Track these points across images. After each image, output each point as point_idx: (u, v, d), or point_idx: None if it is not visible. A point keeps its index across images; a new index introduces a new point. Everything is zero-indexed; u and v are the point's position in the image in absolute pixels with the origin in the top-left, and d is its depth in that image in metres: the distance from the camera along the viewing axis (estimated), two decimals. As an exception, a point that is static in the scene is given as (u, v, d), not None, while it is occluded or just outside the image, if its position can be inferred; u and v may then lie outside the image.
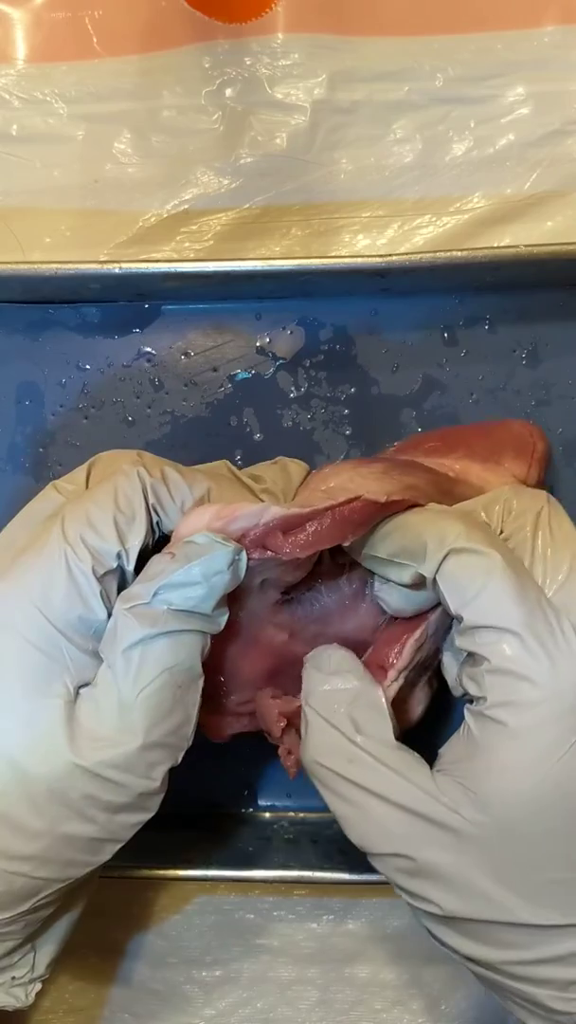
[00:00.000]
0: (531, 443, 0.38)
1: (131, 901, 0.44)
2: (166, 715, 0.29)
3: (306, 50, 0.43)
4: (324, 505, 0.31)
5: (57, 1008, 0.44)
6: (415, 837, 0.28)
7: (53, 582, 0.29)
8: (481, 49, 0.43)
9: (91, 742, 0.28)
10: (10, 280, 0.40)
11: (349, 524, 0.31)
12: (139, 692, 0.28)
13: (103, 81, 0.44)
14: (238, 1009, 0.44)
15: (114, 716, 0.28)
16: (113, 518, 0.30)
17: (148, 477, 0.31)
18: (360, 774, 0.29)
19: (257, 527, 0.31)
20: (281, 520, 0.31)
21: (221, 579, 0.30)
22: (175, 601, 0.29)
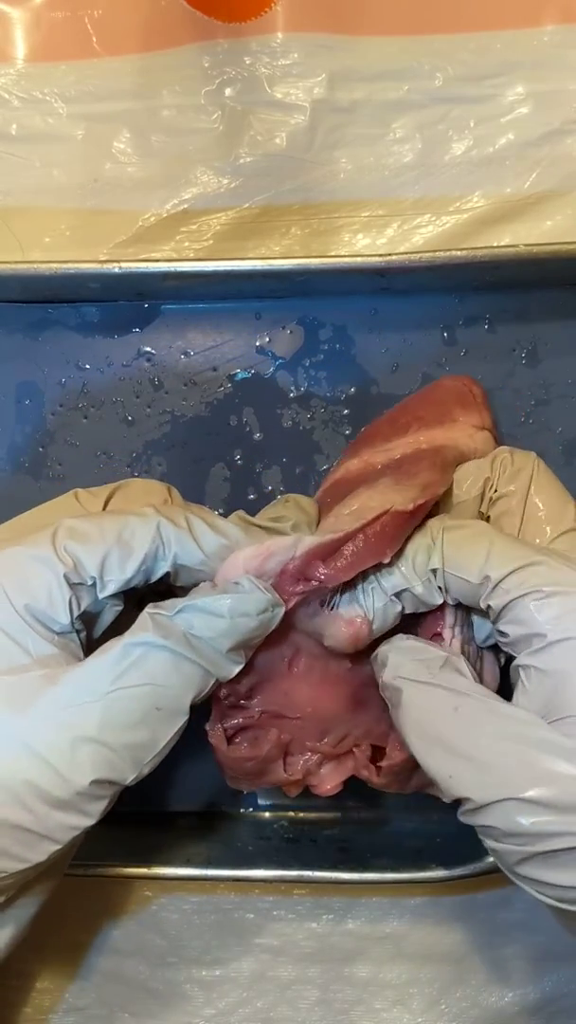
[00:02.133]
0: (468, 391, 0.39)
1: (131, 900, 0.44)
2: (128, 726, 0.28)
3: (306, 49, 0.43)
4: (357, 526, 0.32)
5: (57, 1008, 0.44)
6: (542, 766, 0.27)
7: (26, 571, 0.29)
8: (481, 48, 0.43)
9: (44, 721, 0.28)
10: (10, 280, 0.40)
11: (385, 539, 0.32)
12: (114, 688, 0.28)
13: (103, 80, 0.44)
14: (238, 1009, 0.44)
15: (77, 697, 0.28)
16: (107, 550, 0.30)
17: (172, 529, 0.31)
18: (470, 717, 0.28)
19: (294, 559, 0.31)
20: (317, 548, 0.31)
21: (246, 622, 0.30)
22: (195, 625, 0.29)
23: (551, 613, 0.29)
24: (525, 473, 0.35)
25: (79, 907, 0.44)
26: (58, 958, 0.44)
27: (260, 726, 0.34)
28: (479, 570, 0.30)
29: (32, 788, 0.27)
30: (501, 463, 0.35)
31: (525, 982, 0.43)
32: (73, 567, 0.30)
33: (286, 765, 0.35)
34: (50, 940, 0.44)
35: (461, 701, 0.29)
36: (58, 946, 0.44)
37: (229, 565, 0.31)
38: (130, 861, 0.40)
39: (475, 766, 0.28)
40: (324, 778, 0.36)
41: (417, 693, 0.30)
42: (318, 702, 0.34)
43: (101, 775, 0.28)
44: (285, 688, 0.34)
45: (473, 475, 0.36)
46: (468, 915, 0.43)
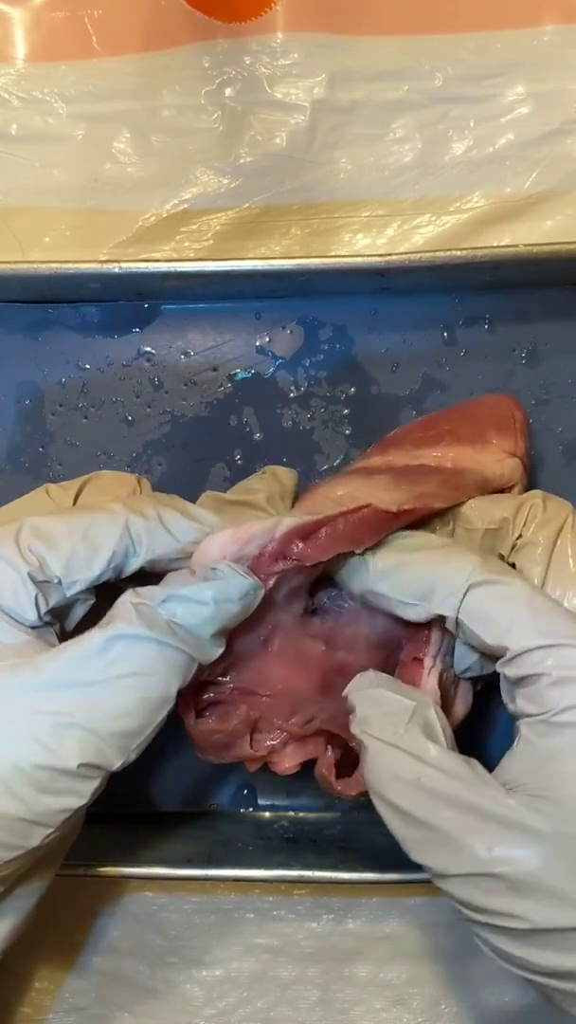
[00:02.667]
0: (510, 414, 0.38)
1: (131, 900, 0.44)
2: (116, 715, 0.28)
3: (305, 49, 0.43)
4: (336, 512, 0.31)
5: (57, 1008, 0.44)
6: (500, 848, 0.27)
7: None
8: (480, 48, 0.43)
9: (28, 707, 0.28)
10: (10, 280, 0.40)
11: (361, 530, 0.31)
12: (102, 679, 0.28)
13: (103, 80, 0.44)
14: (238, 1009, 0.44)
15: (62, 685, 0.28)
16: (72, 548, 0.30)
17: (141, 523, 0.31)
18: (433, 788, 0.28)
19: (273, 541, 0.31)
20: (296, 529, 0.31)
21: (230, 608, 0.30)
22: (179, 614, 0.29)
23: (561, 697, 0.28)
24: (555, 523, 0.33)
25: (79, 907, 0.44)
26: (57, 958, 0.44)
27: (230, 701, 0.34)
28: (496, 639, 0.29)
29: (18, 773, 0.27)
30: (531, 509, 0.34)
31: (525, 982, 0.43)
32: (38, 566, 0.30)
33: (252, 741, 0.35)
34: (49, 940, 0.44)
35: (425, 771, 0.28)
36: (57, 946, 0.44)
37: (204, 549, 0.31)
38: (130, 861, 0.40)
39: (434, 838, 0.28)
40: (284, 756, 0.36)
41: (382, 755, 0.29)
42: (289, 681, 0.34)
43: (88, 759, 0.28)
44: (258, 666, 0.34)
45: (490, 510, 0.34)
46: (468, 915, 0.43)
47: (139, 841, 0.41)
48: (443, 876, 0.28)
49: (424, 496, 0.33)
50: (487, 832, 0.27)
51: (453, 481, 0.35)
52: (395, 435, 0.39)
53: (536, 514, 0.34)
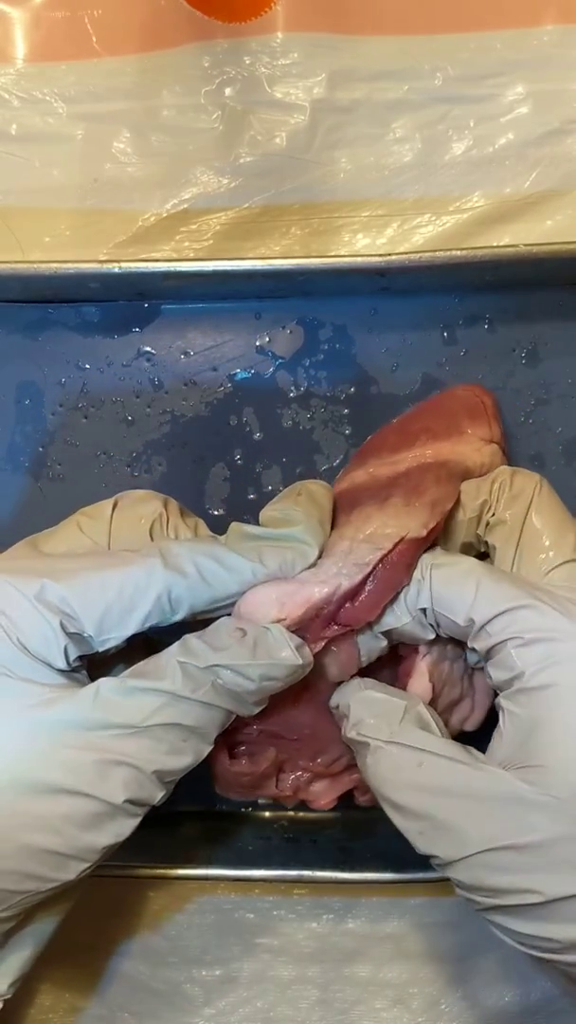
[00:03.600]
0: (479, 402, 0.38)
1: (131, 900, 0.44)
2: (158, 755, 0.28)
3: (305, 49, 0.43)
4: (377, 557, 0.31)
5: (57, 1008, 0.44)
6: (504, 824, 0.27)
7: (22, 612, 0.29)
8: (480, 48, 0.43)
9: (72, 745, 0.28)
10: (10, 280, 0.40)
11: (401, 569, 0.31)
12: (146, 725, 0.28)
13: (102, 80, 0.44)
14: (238, 1009, 0.44)
15: (106, 723, 0.28)
16: (107, 606, 0.29)
17: (180, 581, 0.30)
18: (433, 776, 0.28)
19: (331, 604, 0.31)
20: (350, 591, 0.31)
21: (273, 685, 0.30)
22: (226, 680, 0.29)
23: (531, 659, 0.28)
24: (524, 498, 0.33)
25: (79, 907, 0.43)
26: (58, 958, 0.44)
27: (257, 743, 0.34)
28: (465, 612, 0.30)
29: (62, 812, 0.27)
30: (500, 486, 0.34)
31: (525, 982, 0.43)
32: (68, 620, 0.29)
33: (277, 781, 0.35)
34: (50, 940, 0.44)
35: (423, 758, 0.29)
36: (57, 946, 0.44)
37: (256, 604, 0.31)
38: (131, 861, 0.40)
39: (440, 825, 0.28)
40: (319, 794, 0.36)
41: (379, 753, 0.30)
42: (317, 726, 0.35)
43: (133, 795, 0.28)
44: (286, 711, 0.34)
45: (472, 495, 0.34)
46: (468, 915, 0.43)
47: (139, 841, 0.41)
48: (451, 863, 0.28)
49: (436, 504, 0.33)
50: (490, 811, 0.27)
51: (444, 473, 0.35)
52: (370, 443, 0.38)
53: (505, 490, 0.34)
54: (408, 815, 0.29)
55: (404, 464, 0.36)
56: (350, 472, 0.37)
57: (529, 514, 0.33)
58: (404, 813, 0.29)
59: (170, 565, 0.30)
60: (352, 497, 0.35)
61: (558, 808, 0.27)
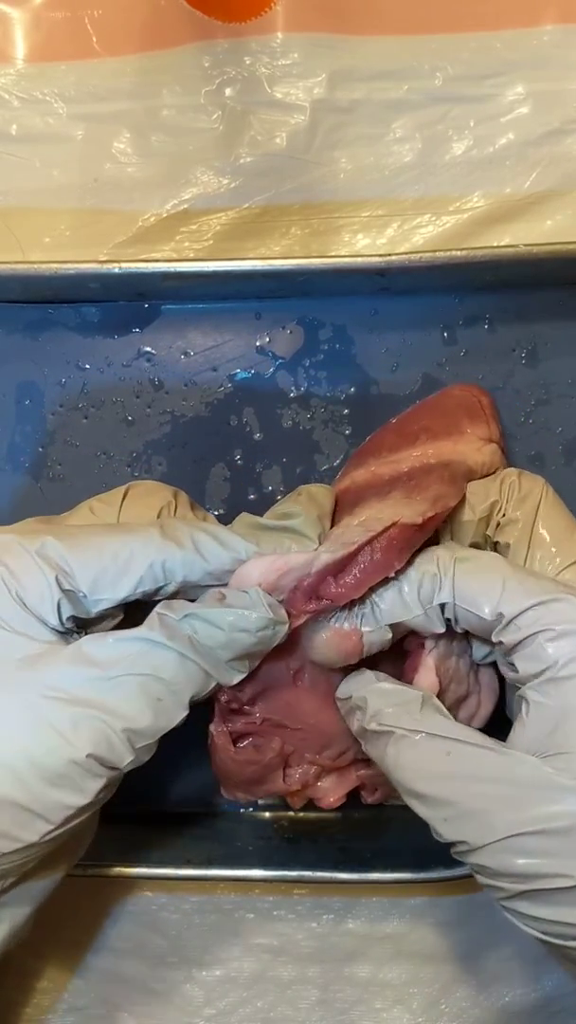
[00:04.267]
0: (477, 401, 0.39)
1: (131, 900, 0.44)
2: (129, 711, 0.29)
3: (305, 49, 0.43)
4: (365, 538, 0.31)
5: (57, 1008, 0.44)
6: (534, 807, 0.27)
7: (22, 565, 0.30)
8: (480, 48, 0.43)
9: (45, 696, 0.28)
10: (10, 280, 0.40)
11: (392, 552, 0.31)
12: (121, 674, 0.29)
13: (102, 81, 0.44)
14: (238, 1009, 0.44)
15: (82, 676, 0.29)
16: (102, 567, 0.30)
17: (176, 552, 0.31)
18: (461, 762, 0.29)
19: (309, 576, 0.31)
20: (332, 565, 0.31)
21: (244, 638, 0.30)
22: (198, 632, 0.30)
23: (563, 651, 0.29)
24: (532, 499, 0.34)
25: (79, 907, 0.44)
26: (58, 958, 0.44)
27: (262, 734, 0.34)
28: (492, 608, 0.30)
29: (29, 761, 0.28)
30: (509, 487, 0.35)
31: (525, 982, 0.43)
32: (66, 575, 0.30)
33: (285, 776, 0.35)
34: (49, 940, 0.44)
35: (451, 746, 0.29)
36: (58, 946, 0.44)
37: (242, 575, 0.31)
38: (130, 861, 0.40)
39: (466, 811, 0.28)
40: (327, 791, 0.36)
41: (403, 742, 0.30)
42: (320, 715, 0.34)
43: (98, 752, 0.28)
44: (288, 699, 0.34)
45: (480, 496, 0.35)
46: (468, 915, 0.43)
47: (139, 841, 0.42)
48: (478, 848, 0.28)
49: (439, 499, 0.33)
50: (519, 795, 0.27)
51: (447, 474, 0.35)
52: (370, 443, 0.39)
53: (514, 491, 0.34)
54: (433, 803, 0.29)
55: (406, 464, 0.36)
56: (350, 472, 0.38)
57: (538, 516, 0.34)
58: (428, 801, 0.29)
59: (168, 536, 0.31)
60: (354, 495, 0.35)
61: None
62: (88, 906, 0.44)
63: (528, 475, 0.35)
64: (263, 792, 0.35)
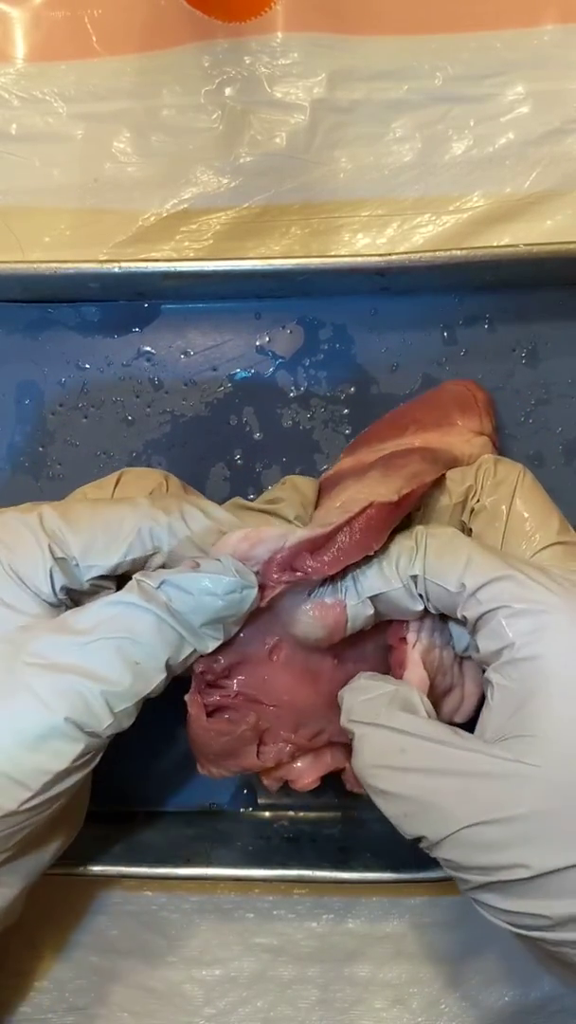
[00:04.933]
0: (471, 396, 0.39)
1: (131, 900, 0.44)
2: (106, 673, 0.29)
3: (305, 49, 0.43)
4: (343, 519, 0.32)
5: (57, 1008, 0.44)
6: (489, 799, 0.27)
7: (15, 534, 0.31)
8: (480, 48, 0.43)
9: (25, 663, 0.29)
10: (10, 279, 0.40)
11: (370, 532, 0.32)
12: (96, 638, 0.29)
13: (102, 80, 0.44)
14: (238, 1008, 0.44)
15: (60, 642, 0.29)
16: (93, 534, 0.31)
17: (163, 516, 0.32)
18: (417, 757, 0.29)
19: (283, 549, 0.32)
20: (306, 541, 0.32)
21: (211, 601, 0.30)
22: (173, 598, 0.30)
23: (521, 630, 0.28)
24: (507, 485, 0.34)
25: (79, 907, 0.44)
26: (57, 958, 0.44)
27: (237, 707, 0.34)
28: (457, 578, 0.30)
29: (7, 726, 0.28)
30: (484, 472, 0.35)
31: (525, 982, 0.43)
32: (57, 541, 0.31)
33: (259, 753, 0.35)
34: (49, 940, 0.44)
35: (407, 742, 0.29)
36: (57, 946, 0.44)
37: (219, 547, 0.32)
38: (130, 861, 0.40)
39: (425, 805, 0.28)
40: (302, 772, 0.36)
41: (365, 736, 0.30)
42: (295, 693, 0.34)
43: (76, 715, 0.28)
44: (264, 674, 0.34)
45: (457, 482, 0.35)
46: (468, 915, 0.43)
47: (139, 841, 0.41)
48: (438, 842, 0.28)
49: (415, 476, 0.34)
50: (474, 786, 0.27)
51: (428, 455, 0.35)
52: (361, 437, 0.39)
53: (489, 477, 0.35)
54: (392, 799, 0.29)
55: (390, 449, 0.36)
56: (340, 463, 0.38)
57: (514, 500, 0.34)
58: (388, 797, 0.29)
59: (156, 504, 0.32)
60: (336, 479, 0.36)
61: (545, 779, 0.27)
62: (88, 906, 0.44)
63: (506, 461, 0.35)
64: (236, 766, 0.35)
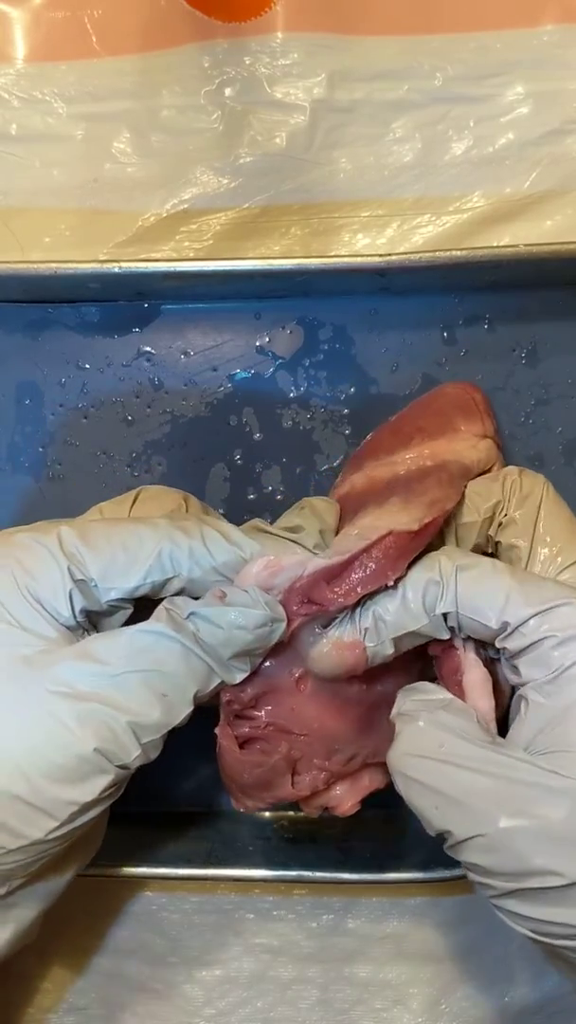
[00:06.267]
0: (470, 398, 0.39)
1: (131, 900, 0.44)
2: (135, 706, 0.29)
3: (305, 49, 0.43)
4: (360, 547, 0.31)
5: (57, 1008, 0.44)
6: (525, 804, 0.27)
7: (34, 557, 0.30)
8: (480, 48, 0.43)
9: (52, 692, 0.28)
10: (10, 280, 0.40)
11: (388, 561, 0.31)
12: (126, 670, 0.29)
13: (102, 80, 0.44)
14: (238, 1009, 0.44)
15: (87, 673, 0.29)
16: (112, 555, 0.31)
17: (184, 539, 0.31)
18: (455, 752, 0.29)
19: (302, 578, 0.32)
20: (324, 571, 0.32)
21: (242, 635, 0.30)
22: (201, 630, 0.30)
23: (569, 656, 0.29)
24: (534, 498, 0.34)
25: (79, 907, 0.44)
26: (58, 958, 0.44)
27: (267, 738, 0.34)
28: (497, 616, 0.30)
29: (35, 756, 0.28)
30: (511, 486, 0.35)
31: (525, 982, 0.43)
32: (77, 563, 0.30)
33: (294, 783, 0.35)
34: (50, 940, 0.44)
35: (447, 738, 0.29)
36: (58, 946, 0.44)
37: (243, 577, 0.32)
38: (130, 861, 0.40)
39: (457, 801, 0.28)
40: (341, 798, 0.36)
41: (407, 729, 0.30)
42: (324, 721, 0.34)
43: (104, 746, 0.28)
44: (291, 704, 0.34)
45: (483, 497, 0.35)
46: (468, 915, 0.43)
47: (139, 841, 0.42)
48: (467, 840, 0.28)
49: (435, 503, 0.33)
50: (513, 791, 0.27)
51: (445, 476, 0.35)
52: (366, 446, 0.39)
53: (516, 490, 0.34)
54: (423, 790, 0.29)
55: (403, 466, 0.36)
56: (348, 476, 0.38)
57: (540, 514, 0.34)
58: (420, 788, 0.29)
59: (176, 525, 0.32)
60: (355, 502, 0.35)
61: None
62: (88, 906, 0.44)
63: (529, 473, 0.35)
64: (272, 798, 0.35)
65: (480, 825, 0.27)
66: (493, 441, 0.38)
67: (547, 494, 0.34)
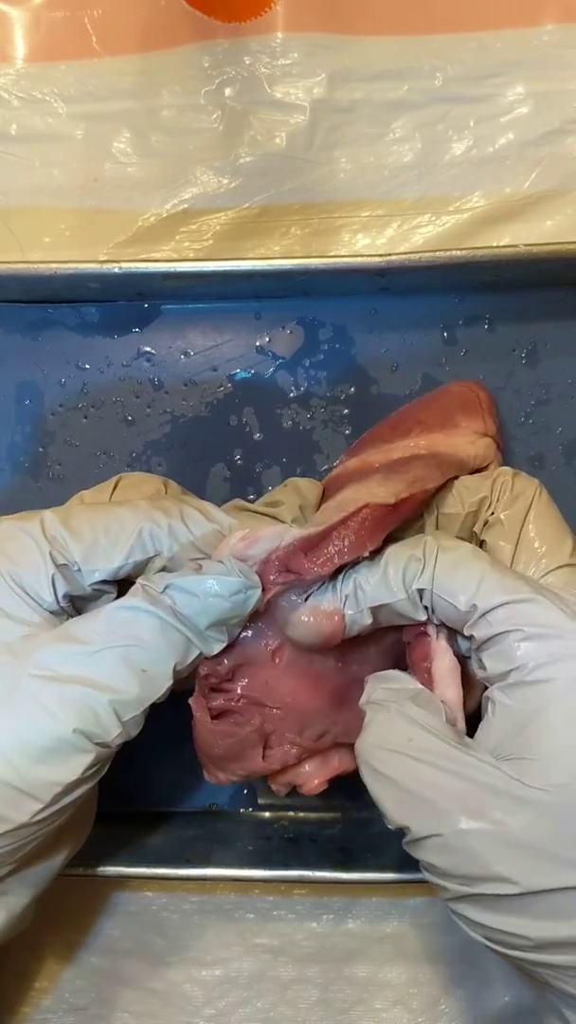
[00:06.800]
0: (474, 396, 0.39)
1: (131, 900, 0.44)
2: (114, 682, 0.29)
3: (305, 49, 0.43)
4: (337, 519, 0.32)
5: (57, 1008, 0.44)
6: (486, 808, 0.27)
7: (16, 542, 0.31)
8: (480, 48, 0.43)
9: (31, 675, 0.28)
10: (10, 280, 0.40)
11: (365, 533, 0.32)
12: (104, 647, 0.29)
13: (102, 80, 0.44)
14: (238, 1009, 0.44)
15: (66, 653, 0.29)
16: (94, 538, 0.31)
17: (163, 518, 0.32)
18: (422, 749, 0.28)
19: (279, 548, 0.32)
20: (301, 540, 0.32)
21: (217, 603, 0.31)
22: (178, 602, 0.30)
23: (532, 654, 0.28)
24: (524, 500, 0.34)
25: (79, 907, 0.44)
26: (58, 958, 0.44)
27: (241, 711, 0.34)
28: (467, 598, 0.30)
29: (16, 739, 0.28)
30: (502, 485, 0.34)
31: (525, 983, 0.43)
32: (59, 547, 0.31)
33: (265, 756, 0.35)
34: (50, 940, 0.44)
35: (416, 733, 0.29)
36: (58, 946, 0.44)
37: (221, 549, 0.32)
38: (130, 861, 0.40)
39: (419, 797, 0.28)
40: (309, 775, 0.36)
41: (377, 718, 0.30)
42: (298, 695, 0.34)
43: (85, 726, 0.28)
44: (266, 676, 0.34)
45: (471, 491, 0.35)
46: (468, 915, 0.43)
47: (139, 841, 0.41)
48: (425, 838, 0.28)
49: (416, 481, 0.34)
50: (474, 793, 0.27)
51: (433, 461, 0.35)
52: (366, 437, 0.39)
53: (506, 491, 0.34)
54: (386, 782, 0.29)
55: (397, 452, 0.36)
56: (344, 462, 0.38)
57: (528, 516, 0.33)
58: (383, 780, 0.29)
59: (155, 506, 0.32)
60: (341, 480, 0.36)
61: (544, 801, 0.26)
62: (88, 906, 0.44)
63: (523, 476, 0.35)
64: (243, 771, 0.35)
65: (439, 824, 0.27)
66: (493, 440, 0.38)
67: (539, 497, 0.34)
